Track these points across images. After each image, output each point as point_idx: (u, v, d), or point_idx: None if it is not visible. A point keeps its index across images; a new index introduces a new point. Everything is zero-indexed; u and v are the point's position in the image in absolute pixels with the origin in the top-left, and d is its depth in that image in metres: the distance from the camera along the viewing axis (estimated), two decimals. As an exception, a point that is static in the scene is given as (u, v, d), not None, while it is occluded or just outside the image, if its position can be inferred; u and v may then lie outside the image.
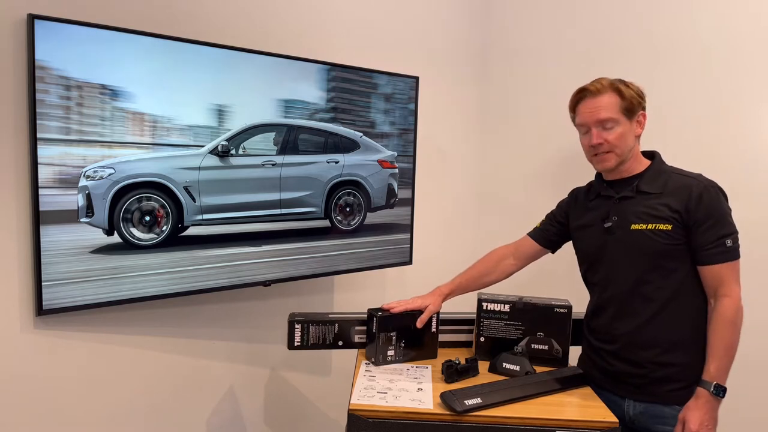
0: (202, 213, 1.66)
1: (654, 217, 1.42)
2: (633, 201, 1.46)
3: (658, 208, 1.42)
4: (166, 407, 1.79)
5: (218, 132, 1.66)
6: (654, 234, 1.41)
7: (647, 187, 1.46)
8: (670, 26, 2.07)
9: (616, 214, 1.48)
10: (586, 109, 1.49)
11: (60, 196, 1.43)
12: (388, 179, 2.07)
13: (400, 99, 2.07)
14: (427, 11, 2.36)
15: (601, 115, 1.45)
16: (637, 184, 1.47)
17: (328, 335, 1.58)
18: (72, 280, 1.46)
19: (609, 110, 1.45)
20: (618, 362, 1.46)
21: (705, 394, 1.34)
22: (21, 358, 1.49)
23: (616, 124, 1.45)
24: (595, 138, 1.46)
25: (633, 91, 1.47)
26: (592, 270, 1.55)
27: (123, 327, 1.66)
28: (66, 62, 1.40)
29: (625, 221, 1.46)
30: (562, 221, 1.66)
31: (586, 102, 1.50)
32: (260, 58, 1.72)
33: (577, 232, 1.60)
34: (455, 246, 2.58)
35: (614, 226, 1.47)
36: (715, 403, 1.34)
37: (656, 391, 1.42)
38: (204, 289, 1.69)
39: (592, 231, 1.53)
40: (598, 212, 1.52)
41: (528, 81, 2.46)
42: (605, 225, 1.49)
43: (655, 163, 1.51)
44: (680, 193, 1.41)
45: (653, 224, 1.41)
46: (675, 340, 1.41)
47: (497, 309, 1.61)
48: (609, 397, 1.46)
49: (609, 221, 1.48)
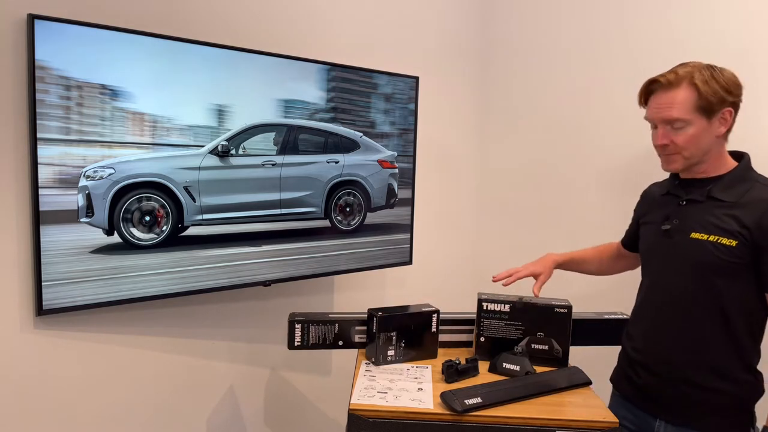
0: (202, 213, 1.66)
1: (719, 229, 1.26)
2: (701, 207, 1.32)
3: (727, 220, 1.26)
4: (166, 407, 1.79)
5: (218, 132, 1.66)
6: (714, 247, 1.26)
7: (720, 194, 1.29)
8: (672, 25, 2.07)
9: (679, 217, 1.35)
10: (654, 104, 1.32)
11: (60, 196, 1.43)
12: (388, 179, 2.07)
13: (400, 99, 2.08)
14: (428, 11, 2.36)
15: (669, 114, 1.28)
16: (709, 189, 1.31)
17: (328, 335, 1.58)
18: (72, 280, 1.46)
19: (680, 109, 1.26)
20: (649, 376, 1.38)
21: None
22: (21, 358, 1.49)
23: (686, 125, 1.27)
24: (660, 138, 1.31)
25: (718, 85, 1.25)
26: (643, 271, 1.47)
27: (123, 327, 1.66)
28: (66, 62, 1.40)
29: (686, 227, 1.32)
30: (637, 220, 1.57)
31: (656, 96, 1.31)
32: (260, 58, 1.72)
33: (641, 228, 1.50)
34: (455, 246, 2.58)
35: (672, 230, 1.34)
36: None
37: (691, 414, 1.32)
38: (204, 289, 1.69)
39: (652, 230, 1.43)
40: (662, 211, 1.40)
41: (528, 81, 2.47)
42: (663, 227, 1.37)
43: (739, 168, 1.32)
44: (757, 206, 1.24)
45: (716, 236, 1.26)
46: (717, 364, 1.29)
47: (497, 309, 1.61)
48: (640, 414, 1.39)
49: (668, 223, 1.36)
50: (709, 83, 1.25)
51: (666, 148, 1.32)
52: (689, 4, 2.03)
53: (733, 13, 1.94)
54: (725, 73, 1.28)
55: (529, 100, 2.46)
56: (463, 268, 2.62)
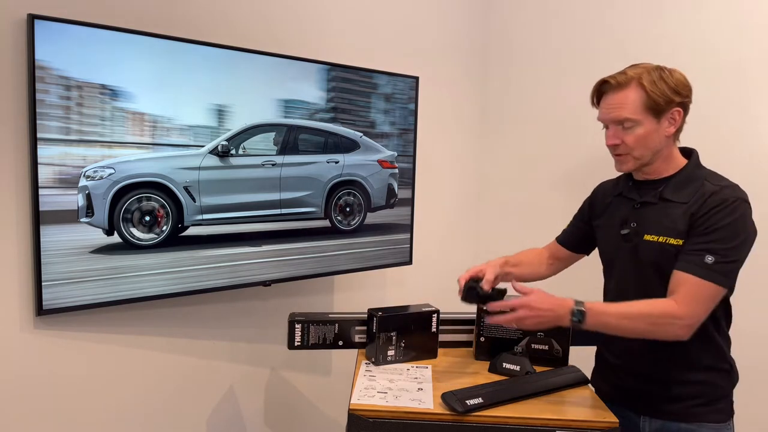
0: (202, 213, 1.66)
1: (670, 229, 1.29)
2: (655, 208, 1.34)
3: (679, 221, 1.28)
4: (166, 407, 1.79)
5: (218, 132, 1.66)
6: (662, 248, 1.30)
7: (672, 195, 1.32)
8: (672, 26, 2.07)
9: (636, 220, 1.36)
10: (605, 104, 1.34)
11: (60, 196, 1.43)
12: (388, 179, 2.07)
13: (400, 99, 2.08)
14: (428, 11, 2.36)
15: (619, 114, 1.30)
16: (661, 191, 1.33)
17: (328, 335, 1.58)
18: (72, 280, 1.46)
19: (629, 108, 1.29)
20: (628, 378, 1.41)
21: (566, 305, 1.25)
22: (21, 358, 1.49)
23: (636, 125, 1.29)
24: (611, 138, 1.33)
25: (666, 86, 1.27)
26: (606, 276, 1.49)
27: (123, 327, 1.66)
28: (66, 62, 1.40)
29: (642, 230, 1.34)
30: (586, 220, 1.56)
31: (607, 96, 1.33)
32: (260, 58, 1.72)
33: (597, 231, 1.51)
34: (455, 246, 2.58)
35: (631, 234, 1.36)
36: (561, 317, 1.25)
37: (673, 408, 1.35)
38: (204, 289, 1.69)
39: (609, 234, 1.44)
40: (618, 215, 1.41)
41: (528, 81, 2.47)
42: (622, 232, 1.38)
43: (688, 167, 1.34)
44: (698, 202, 1.27)
45: (665, 237, 1.29)
46: (689, 358, 1.32)
47: (497, 309, 1.60)
48: (624, 413, 1.38)
49: (626, 228, 1.37)
50: (657, 84, 1.28)
51: (617, 148, 1.34)
52: (688, 6, 2.03)
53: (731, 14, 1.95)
54: (675, 74, 1.30)
55: (529, 100, 2.46)
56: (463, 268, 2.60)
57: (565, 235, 1.64)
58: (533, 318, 1.26)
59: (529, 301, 1.27)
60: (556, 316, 1.26)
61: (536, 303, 1.26)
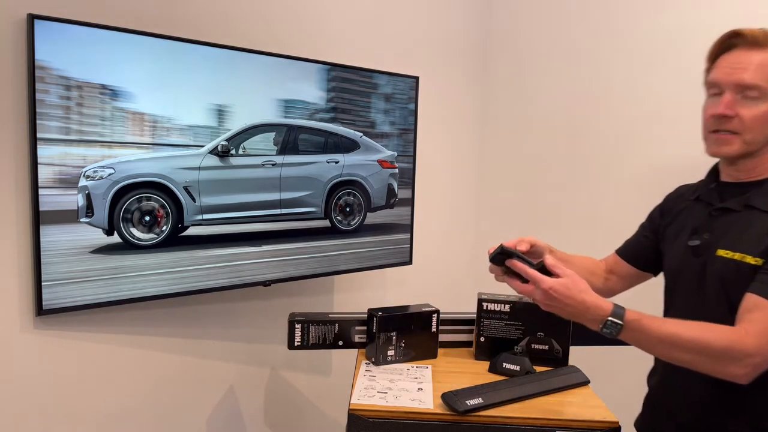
0: (202, 213, 1.66)
1: (749, 245, 1.03)
2: (736, 217, 1.08)
3: (762, 235, 1.02)
4: (166, 407, 1.79)
5: (218, 132, 1.65)
6: (738, 267, 1.03)
7: (761, 203, 1.05)
8: (673, 24, 2.07)
9: (711, 230, 1.10)
10: (728, 62, 1.04)
11: (60, 196, 1.43)
12: (388, 179, 2.07)
13: (400, 99, 2.07)
14: (428, 11, 2.36)
15: (743, 78, 1.01)
16: (748, 196, 1.07)
17: (328, 335, 1.58)
18: (72, 280, 1.46)
19: (762, 74, 1.00)
20: (671, 424, 1.18)
21: (600, 310, 1.01)
22: (21, 358, 1.49)
23: (762, 97, 1.01)
24: (723, 106, 1.03)
25: None
26: (666, 300, 1.24)
27: (123, 327, 1.66)
28: (66, 62, 1.40)
29: (715, 242, 1.08)
30: (655, 229, 1.29)
31: (734, 54, 1.03)
32: (260, 57, 1.72)
33: (664, 243, 1.25)
34: (455, 246, 2.58)
35: (701, 247, 1.10)
36: (589, 321, 1.03)
37: None
38: (204, 289, 1.69)
39: (676, 245, 1.19)
40: (689, 223, 1.16)
41: (528, 81, 2.47)
42: (690, 243, 1.13)
43: None
44: None
45: (742, 253, 1.03)
46: (755, 411, 1.05)
47: (497, 309, 1.61)
48: None
49: (697, 238, 1.12)
50: None
51: (725, 122, 1.04)
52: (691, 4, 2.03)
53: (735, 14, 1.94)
54: None
55: (529, 100, 2.46)
56: (463, 268, 2.62)
57: (626, 245, 1.36)
58: (553, 307, 1.05)
59: (554, 286, 1.03)
60: (581, 316, 1.03)
61: (563, 291, 1.02)
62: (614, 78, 2.20)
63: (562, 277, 1.05)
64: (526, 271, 1.07)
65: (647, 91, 2.12)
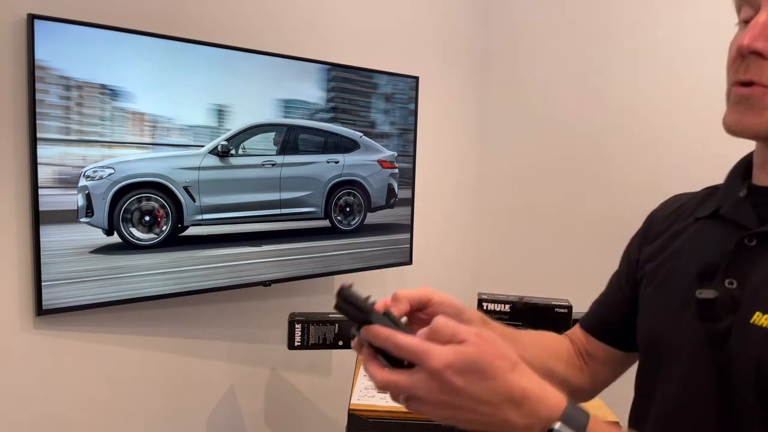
0: (202, 213, 1.66)
1: None
2: None
3: None
4: (165, 407, 1.79)
5: (218, 132, 1.65)
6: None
7: None
8: (673, 25, 2.07)
9: (740, 273, 0.61)
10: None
11: (60, 196, 1.43)
12: (388, 179, 2.07)
13: (400, 99, 2.07)
14: (428, 11, 2.36)
15: None
16: None
17: (328, 335, 1.58)
18: (72, 280, 1.46)
19: None
20: None
21: (539, 410, 0.51)
22: (20, 358, 1.48)
23: None
24: (754, 31, 0.57)
25: None
26: (641, 382, 0.74)
27: (123, 327, 1.66)
28: (66, 62, 1.40)
29: (749, 298, 0.60)
30: (634, 276, 0.79)
31: None
32: (260, 57, 1.72)
33: (643, 289, 0.75)
34: (455, 246, 2.58)
35: (721, 302, 0.61)
36: (520, 427, 0.52)
37: None
38: (204, 289, 1.69)
39: (668, 298, 0.69)
40: (695, 256, 0.67)
41: (529, 81, 2.46)
42: (698, 295, 0.63)
43: None
44: None
45: None
46: None
47: (497, 309, 1.61)
48: None
49: (712, 286, 0.63)
50: None
51: (755, 65, 0.58)
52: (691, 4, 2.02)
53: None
54: None
55: (529, 101, 2.46)
56: (463, 268, 2.61)
57: (593, 311, 0.87)
58: (452, 407, 0.53)
59: (454, 361, 0.51)
60: (507, 421, 0.51)
61: (471, 368, 0.51)
62: (614, 78, 2.20)
63: (463, 342, 0.51)
64: (393, 340, 0.53)
65: (649, 91, 2.12)
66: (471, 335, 0.52)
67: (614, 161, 2.21)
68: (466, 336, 0.51)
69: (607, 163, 2.23)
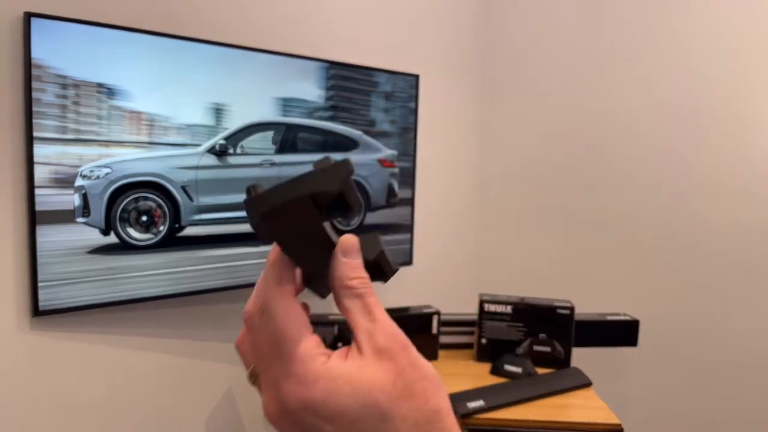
0: (200, 213, 1.65)
1: None
2: None
3: None
4: (164, 409, 1.78)
5: (216, 131, 1.64)
6: None
7: None
8: (673, 25, 2.05)
9: None
10: None
11: (56, 195, 1.42)
12: (388, 178, 2.06)
13: (401, 97, 2.06)
14: (428, 9, 2.35)
15: None
16: None
17: (327, 336, 1.57)
18: (68, 281, 1.45)
19: None
20: None
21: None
22: (17, 359, 1.47)
23: None
24: None
25: None
26: None
27: (120, 328, 1.65)
28: (63, 61, 1.38)
29: None
30: None
31: None
32: (259, 55, 1.70)
33: None
34: (456, 246, 2.57)
35: None
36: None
37: None
38: (203, 290, 1.67)
39: None
40: None
41: (529, 80, 2.45)
42: None
43: None
44: None
45: None
46: None
47: (499, 310, 1.59)
48: None
49: None
50: None
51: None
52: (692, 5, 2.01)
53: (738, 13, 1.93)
54: None
55: (529, 99, 2.45)
56: (465, 268, 2.60)
57: None
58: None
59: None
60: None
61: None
62: (615, 77, 2.18)
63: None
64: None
65: (648, 93, 2.11)
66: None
67: (614, 161, 2.19)
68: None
69: (607, 163, 2.21)
